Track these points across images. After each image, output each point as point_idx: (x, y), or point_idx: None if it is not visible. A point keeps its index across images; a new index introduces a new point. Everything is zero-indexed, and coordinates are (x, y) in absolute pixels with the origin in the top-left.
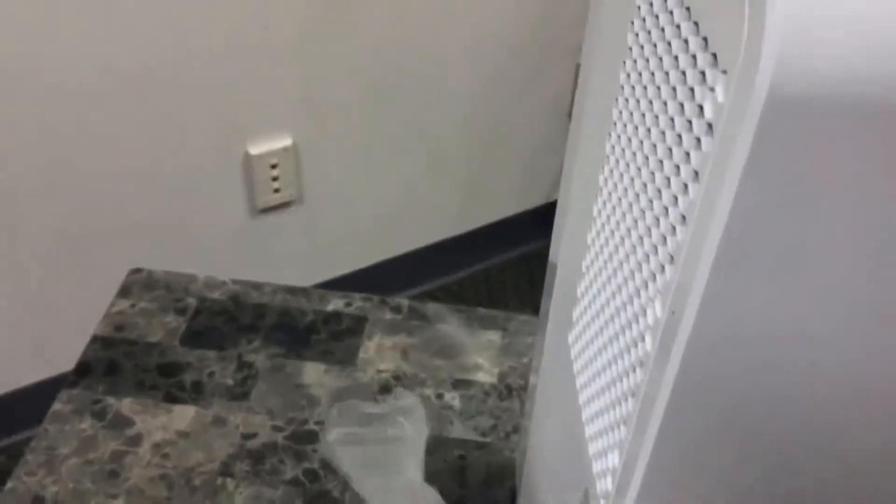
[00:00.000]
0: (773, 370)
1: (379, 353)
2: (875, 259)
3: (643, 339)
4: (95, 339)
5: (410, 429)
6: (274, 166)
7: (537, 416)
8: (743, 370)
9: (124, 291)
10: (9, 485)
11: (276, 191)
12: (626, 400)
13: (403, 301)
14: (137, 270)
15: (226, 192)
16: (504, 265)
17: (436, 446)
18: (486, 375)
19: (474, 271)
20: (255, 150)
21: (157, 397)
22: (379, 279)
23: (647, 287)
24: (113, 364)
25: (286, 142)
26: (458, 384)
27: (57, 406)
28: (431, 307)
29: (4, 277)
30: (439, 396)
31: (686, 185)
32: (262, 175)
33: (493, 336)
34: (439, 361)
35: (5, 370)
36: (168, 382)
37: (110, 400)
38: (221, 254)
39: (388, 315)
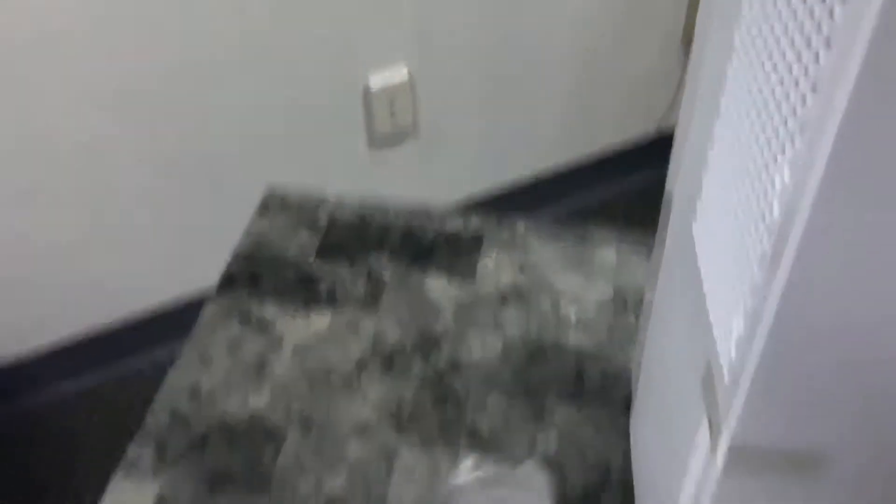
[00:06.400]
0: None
1: (497, 268)
2: None
3: (771, 209)
4: (238, 255)
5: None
6: (391, 98)
7: (654, 324)
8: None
9: (262, 210)
10: (169, 377)
11: (394, 122)
12: (754, 268)
13: (519, 222)
14: (273, 191)
15: (346, 124)
16: (612, 197)
17: (553, 354)
18: (601, 291)
19: (583, 201)
20: (374, 83)
21: (296, 304)
22: (491, 207)
23: (775, 160)
24: (254, 276)
25: (403, 75)
26: (575, 298)
27: (206, 312)
28: (546, 227)
29: (149, 199)
30: (556, 309)
31: (818, 54)
32: (381, 107)
33: (608, 254)
34: (555, 277)
35: (151, 286)
36: (305, 291)
37: (254, 306)
38: (342, 183)
39: (505, 234)
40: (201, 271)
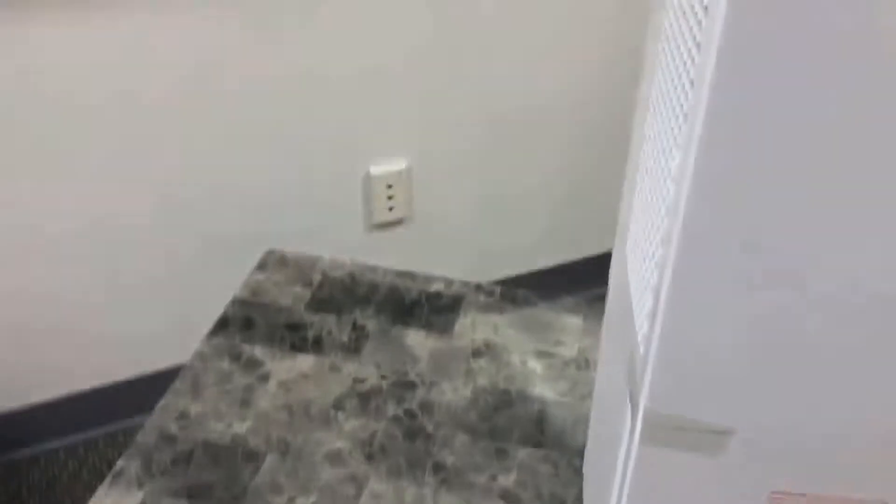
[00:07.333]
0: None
1: (473, 326)
2: None
3: (665, 203)
4: (235, 301)
5: None
6: (390, 186)
7: (602, 363)
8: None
9: (261, 266)
10: (161, 402)
11: (391, 209)
12: (658, 248)
13: (496, 287)
14: (272, 251)
15: (347, 208)
16: (595, 298)
17: (518, 402)
18: (566, 349)
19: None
20: (375, 170)
21: (284, 347)
22: None
23: (665, 179)
24: (248, 320)
25: (402, 164)
26: (542, 354)
27: (201, 348)
28: (521, 293)
29: (158, 267)
30: (524, 363)
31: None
32: (380, 194)
33: (576, 319)
34: (525, 336)
35: (154, 349)
36: (294, 336)
37: (245, 347)
38: None
39: (483, 298)
40: (198, 338)
